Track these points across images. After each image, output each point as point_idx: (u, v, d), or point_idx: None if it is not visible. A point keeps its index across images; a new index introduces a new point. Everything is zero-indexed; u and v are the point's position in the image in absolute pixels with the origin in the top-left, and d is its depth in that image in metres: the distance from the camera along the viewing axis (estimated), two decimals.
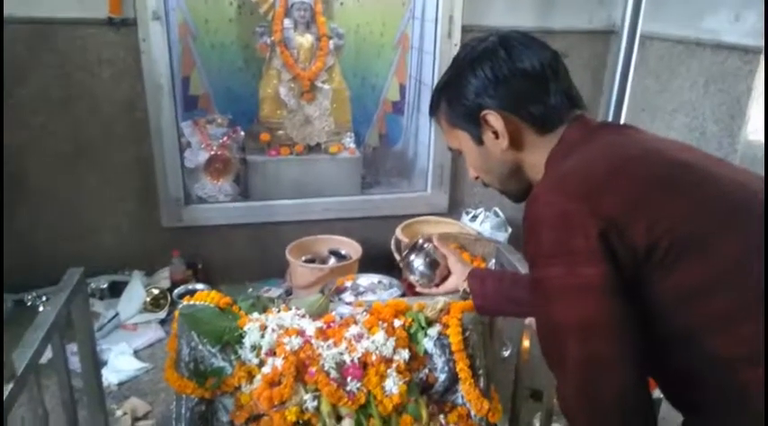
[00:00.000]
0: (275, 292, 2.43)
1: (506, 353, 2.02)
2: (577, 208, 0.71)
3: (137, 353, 2.13)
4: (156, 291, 2.39)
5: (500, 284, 1.23)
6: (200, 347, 1.34)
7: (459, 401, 1.41)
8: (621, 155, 0.78)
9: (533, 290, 0.77)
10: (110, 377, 1.96)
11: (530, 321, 1.10)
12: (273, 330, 1.33)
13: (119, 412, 1.81)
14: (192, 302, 1.39)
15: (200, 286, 2.41)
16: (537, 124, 0.85)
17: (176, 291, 2.37)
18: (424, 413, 1.32)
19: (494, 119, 0.84)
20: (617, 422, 0.71)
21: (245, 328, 1.33)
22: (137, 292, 2.40)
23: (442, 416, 1.37)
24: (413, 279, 1.36)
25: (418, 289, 1.39)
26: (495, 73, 0.84)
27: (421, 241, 1.39)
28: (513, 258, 1.56)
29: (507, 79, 0.84)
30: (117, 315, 2.32)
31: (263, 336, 1.32)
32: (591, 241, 0.69)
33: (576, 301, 0.71)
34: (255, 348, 1.32)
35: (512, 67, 0.83)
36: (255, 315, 1.37)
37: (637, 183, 0.74)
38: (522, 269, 1.49)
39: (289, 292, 2.43)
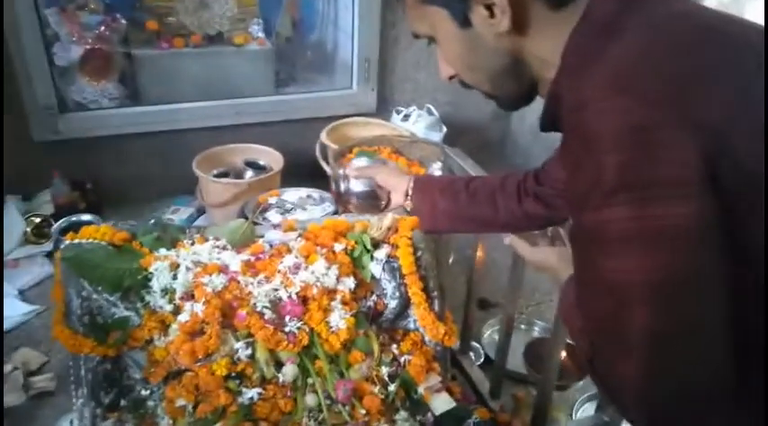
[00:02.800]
0: (185, 212, 2.14)
1: (450, 260, 1.90)
2: (661, 117, 0.49)
3: (22, 294, 1.81)
4: (37, 219, 2.02)
5: (454, 202, 1.05)
6: (94, 296, 1.09)
7: (412, 326, 1.28)
8: (703, 31, 0.56)
9: (581, 238, 0.55)
10: None
11: (510, 240, 0.93)
12: (188, 268, 1.10)
13: (8, 367, 1.52)
14: (76, 241, 1.11)
15: (86, 216, 1.97)
16: None
17: (56, 226, 1.94)
18: (376, 347, 1.18)
19: None
20: (700, 413, 0.53)
21: (152, 269, 1.09)
22: (14, 221, 2.02)
23: (394, 346, 1.24)
24: (361, 209, 1.22)
25: (367, 217, 1.21)
26: None
27: (341, 171, 1.23)
28: (465, 164, 1.37)
29: None
30: None
31: (175, 277, 1.09)
32: (684, 166, 0.48)
33: (653, 253, 0.50)
34: (167, 292, 1.09)
35: None
36: (163, 251, 1.13)
37: (740, 70, 0.53)
38: (475, 173, 1.32)
39: (201, 211, 2.14)
